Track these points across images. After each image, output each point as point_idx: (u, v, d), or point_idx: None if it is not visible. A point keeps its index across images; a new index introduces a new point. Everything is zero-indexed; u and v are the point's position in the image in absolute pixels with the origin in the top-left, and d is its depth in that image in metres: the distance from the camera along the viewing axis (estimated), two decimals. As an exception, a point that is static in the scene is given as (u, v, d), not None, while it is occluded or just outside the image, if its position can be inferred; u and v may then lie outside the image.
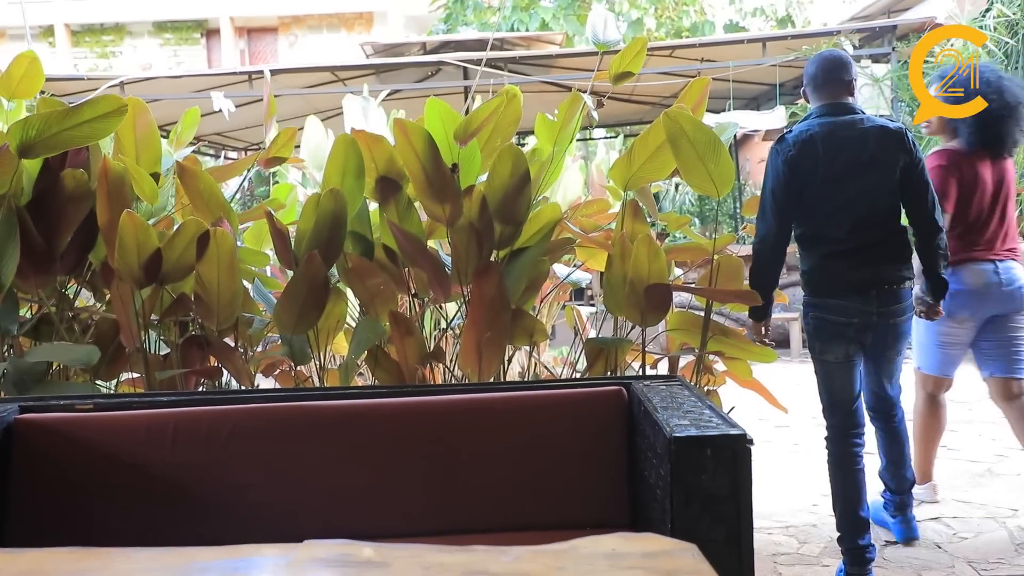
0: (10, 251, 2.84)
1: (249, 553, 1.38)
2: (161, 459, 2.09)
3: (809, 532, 3.71)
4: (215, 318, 2.85)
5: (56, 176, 2.93)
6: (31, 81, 3.14)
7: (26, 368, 2.84)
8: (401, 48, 9.99)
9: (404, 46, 10.10)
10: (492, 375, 2.88)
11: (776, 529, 3.76)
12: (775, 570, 3.30)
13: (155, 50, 22.26)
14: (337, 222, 2.74)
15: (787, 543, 3.59)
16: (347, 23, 22.30)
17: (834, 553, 3.35)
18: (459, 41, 9.90)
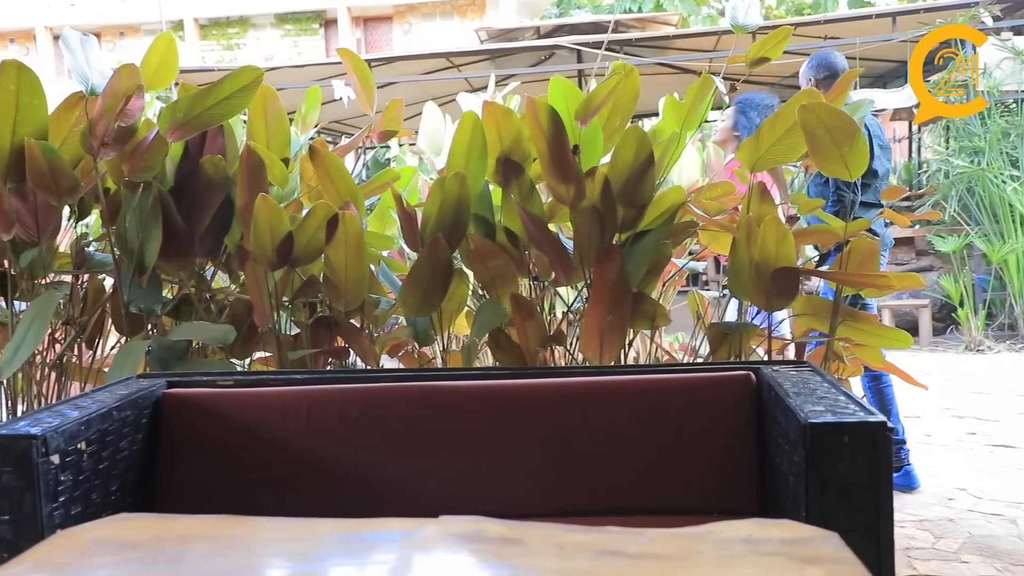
0: (154, 234, 3.00)
1: (387, 526, 1.42)
2: (296, 435, 2.17)
3: (945, 527, 3.56)
4: (343, 300, 2.93)
5: (196, 162, 3.07)
6: (167, 68, 3.26)
7: (169, 345, 3.00)
8: (515, 33, 10.02)
9: (518, 31, 10.12)
10: (613, 359, 2.87)
11: (909, 523, 3.62)
12: (909, 564, 3.18)
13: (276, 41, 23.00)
14: (462, 205, 2.78)
15: (922, 537, 3.45)
16: (460, 9, 22.49)
17: (973, 549, 3.21)
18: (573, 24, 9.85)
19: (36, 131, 2.88)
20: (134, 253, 3.02)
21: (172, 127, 2.91)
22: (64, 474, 1.81)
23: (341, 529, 1.37)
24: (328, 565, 1.26)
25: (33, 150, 2.80)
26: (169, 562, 1.33)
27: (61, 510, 1.80)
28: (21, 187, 2.96)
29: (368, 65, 3.40)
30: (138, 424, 2.12)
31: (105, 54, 23.16)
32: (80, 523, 1.86)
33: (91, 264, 3.28)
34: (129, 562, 1.29)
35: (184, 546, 1.40)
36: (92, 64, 3.02)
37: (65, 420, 1.86)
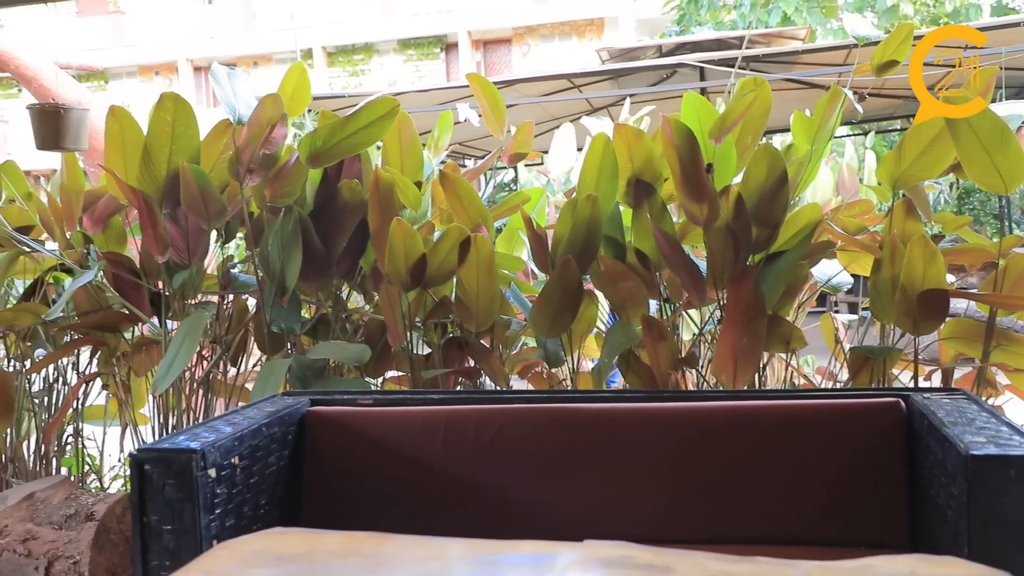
0: (294, 257, 3.12)
1: (533, 548, 1.42)
2: (433, 453, 2.21)
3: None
4: (474, 320, 2.98)
5: (334, 187, 3.18)
6: (301, 96, 3.39)
7: (308, 364, 3.11)
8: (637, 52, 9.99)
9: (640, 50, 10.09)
10: (747, 383, 2.81)
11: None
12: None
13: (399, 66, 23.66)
14: (593, 226, 2.79)
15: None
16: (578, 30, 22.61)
17: None
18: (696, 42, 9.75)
19: (189, 159, 3.05)
20: (276, 275, 3.15)
21: (311, 155, 3.03)
22: (220, 487, 1.90)
23: (490, 550, 1.39)
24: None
25: (187, 175, 2.96)
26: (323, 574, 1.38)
27: (217, 522, 1.88)
28: (174, 212, 3.14)
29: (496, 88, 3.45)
30: (284, 440, 2.20)
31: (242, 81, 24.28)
32: (234, 534, 1.94)
33: (236, 285, 3.44)
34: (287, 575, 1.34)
35: (337, 561, 1.44)
36: (239, 95, 3.18)
37: (220, 436, 1.95)
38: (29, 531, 2.93)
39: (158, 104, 3.04)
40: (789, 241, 2.89)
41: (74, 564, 2.86)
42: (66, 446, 3.61)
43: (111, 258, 3.28)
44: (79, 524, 2.93)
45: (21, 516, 2.98)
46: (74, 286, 3.09)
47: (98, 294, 3.42)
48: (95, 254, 3.35)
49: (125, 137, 3.12)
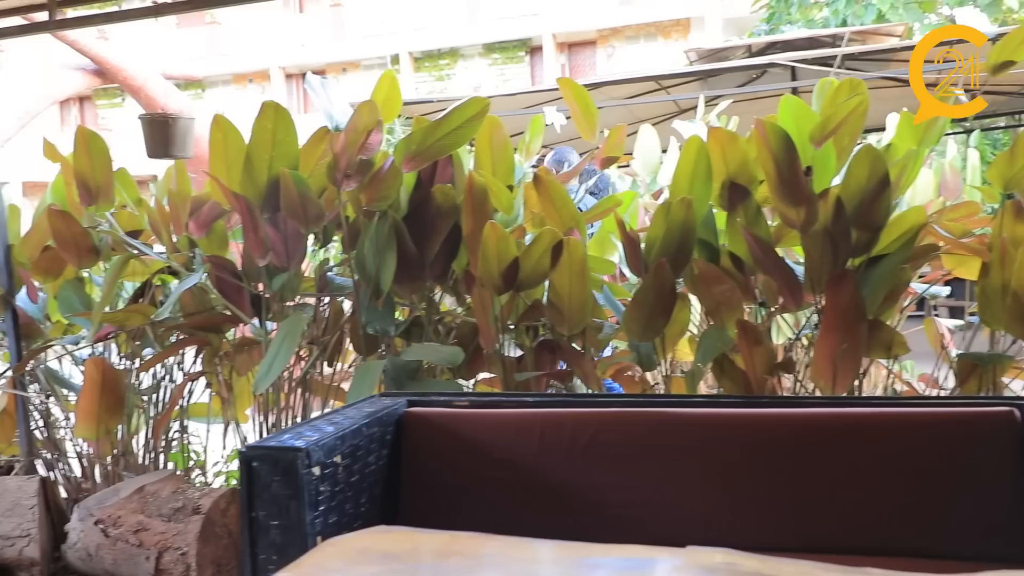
0: (389, 260, 3.18)
1: (636, 553, 1.42)
2: (528, 456, 2.22)
3: None
4: (566, 323, 2.98)
5: (427, 191, 3.23)
6: (393, 102, 3.44)
7: (402, 365, 3.16)
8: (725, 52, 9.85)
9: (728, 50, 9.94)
10: (846, 389, 2.74)
11: None
12: None
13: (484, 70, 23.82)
14: (687, 230, 2.76)
15: None
16: (664, 31, 22.41)
17: None
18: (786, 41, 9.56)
19: (289, 165, 3.13)
20: (371, 277, 3.21)
21: (406, 158, 3.09)
22: (324, 485, 1.95)
23: (594, 553, 1.39)
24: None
25: (287, 180, 3.05)
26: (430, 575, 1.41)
27: (321, 518, 1.93)
28: (274, 217, 3.24)
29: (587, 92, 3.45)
30: (383, 440, 2.25)
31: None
32: (336, 531, 1.99)
33: (332, 288, 3.53)
34: (393, 573, 1.38)
35: (441, 560, 1.47)
36: (334, 102, 3.26)
37: (324, 435, 2.00)
38: (141, 522, 3.06)
39: (260, 112, 3.14)
40: (891, 245, 2.81)
41: (182, 555, 2.97)
42: (172, 442, 3.75)
43: (215, 261, 3.40)
44: (186, 517, 3.05)
45: (133, 508, 3.11)
46: (181, 288, 3.21)
47: (202, 296, 3.55)
48: (199, 257, 3.47)
49: (228, 145, 3.23)
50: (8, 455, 3.77)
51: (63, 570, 3.32)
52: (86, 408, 3.40)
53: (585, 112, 3.26)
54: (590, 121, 3.27)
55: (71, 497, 3.64)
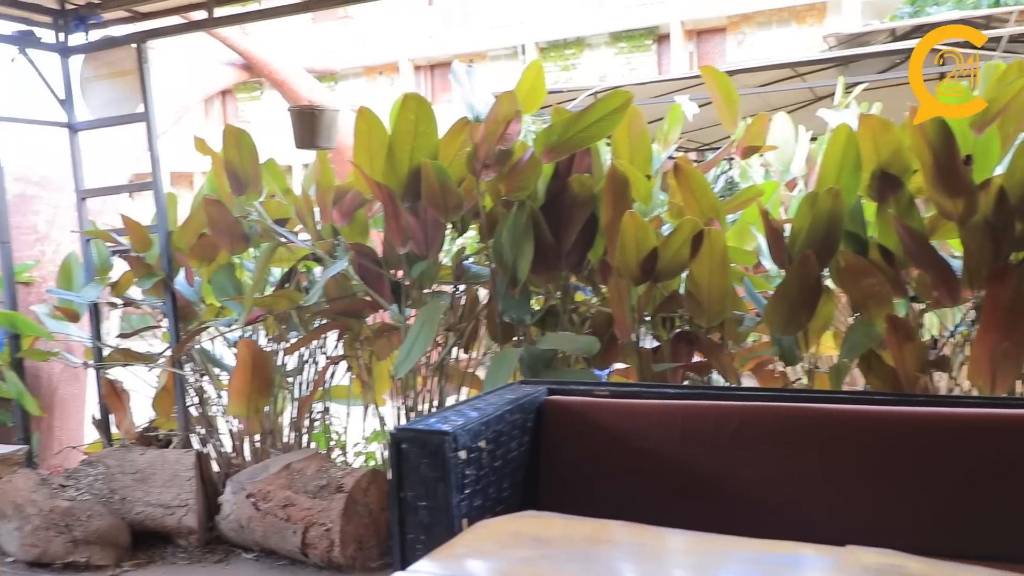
0: (526, 249, 3.21)
1: (790, 549, 1.40)
2: (669, 447, 2.20)
3: None
4: (705, 315, 2.94)
5: (564, 181, 3.24)
6: (537, 93, 3.45)
7: (538, 354, 3.19)
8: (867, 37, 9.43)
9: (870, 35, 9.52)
10: (1006, 390, 2.60)
11: None
12: None
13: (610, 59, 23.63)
14: (834, 221, 2.67)
15: None
16: (798, 16, 21.66)
17: None
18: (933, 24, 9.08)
19: (429, 155, 3.20)
20: (508, 266, 3.25)
21: (547, 149, 3.11)
22: (469, 468, 1.99)
23: (746, 548, 1.38)
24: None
25: (428, 170, 3.12)
26: (583, 561, 1.42)
27: (466, 501, 1.98)
28: (415, 206, 3.32)
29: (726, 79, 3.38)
30: (524, 427, 2.27)
31: (456, 81, 24.91)
32: (480, 515, 2.03)
33: (468, 276, 3.59)
34: (546, 557, 1.40)
35: (593, 547, 1.48)
36: (477, 93, 3.31)
37: (469, 420, 2.04)
38: (288, 498, 3.20)
39: (402, 104, 3.22)
40: (1061, 237, 2.65)
41: (326, 531, 3.10)
42: (314, 422, 3.90)
43: (357, 249, 3.51)
44: (330, 495, 3.17)
45: (281, 484, 3.26)
46: (327, 275, 3.34)
47: (344, 282, 3.67)
48: (343, 245, 3.60)
49: (372, 136, 3.33)
50: (166, 429, 4.01)
51: (216, 539, 3.51)
52: (238, 387, 3.58)
53: (727, 100, 3.20)
54: (732, 109, 3.20)
55: (222, 471, 3.84)
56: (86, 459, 3.78)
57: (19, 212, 4.20)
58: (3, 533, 3.34)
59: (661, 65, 22.77)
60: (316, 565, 3.20)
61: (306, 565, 3.24)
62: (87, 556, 3.31)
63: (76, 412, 4.52)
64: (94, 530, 3.34)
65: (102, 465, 3.65)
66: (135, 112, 3.86)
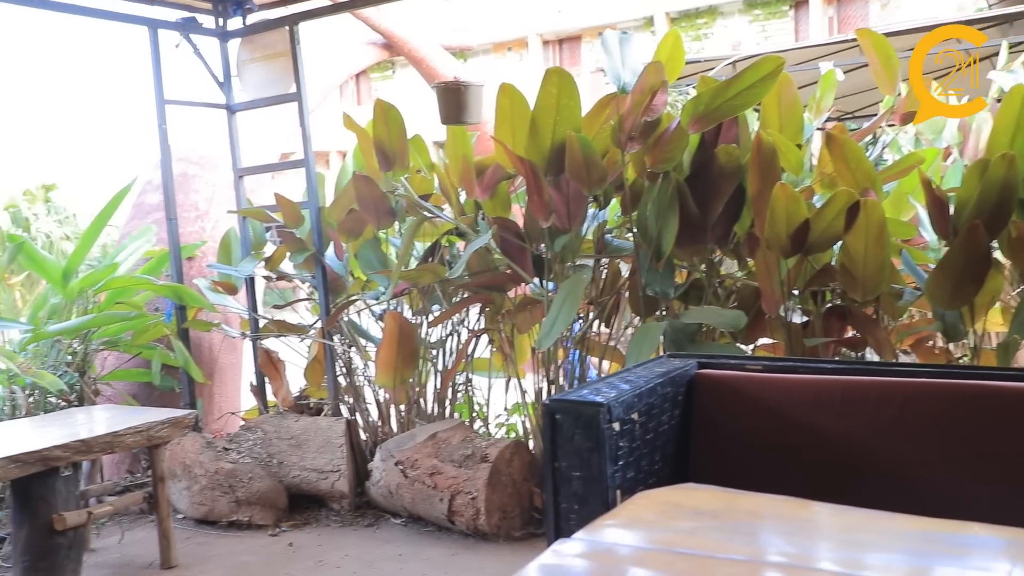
0: (671, 222, 3.17)
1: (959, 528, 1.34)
2: (826, 423, 2.14)
3: None
4: (860, 289, 2.83)
5: (710, 152, 3.18)
6: (675, 63, 3.38)
7: (681, 328, 3.16)
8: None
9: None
10: None
11: None
12: None
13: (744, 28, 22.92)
14: (1007, 189, 2.52)
15: None
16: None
17: None
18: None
19: (572, 129, 3.20)
20: (652, 240, 3.22)
21: (693, 119, 3.05)
22: (623, 440, 1.99)
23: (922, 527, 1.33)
24: (924, 563, 1.23)
25: (572, 143, 3.12)
26: (747, 534, 1.40)
27: (620, 473, 1.98)
28: (557, 180, 3.33)
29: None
30: (675, 400, 2.26)
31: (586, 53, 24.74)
32: (633, 486, 2.04)
33: (610, 250, 3.58)
34: (710, 529, 1.38)
35: (756, 521, 1.46)
36: (626, 63, 3.28)
37: (621, 392, 2.04)
38: (435, 466, 3.30)
39: (544, 78, 3.22)
40: None
41: (472, 499, 3.17)
42: (457, 393, 3.99)
43: (500, 223, 3.56)
44: (475, 464, 3.24)
45: (428, 452, 3.36)
46: (472, 248, 3.40)
47: (486, 256, 3.73)
48: (485, 219, 3.65)
49: (514, 111, 3.35)
50: (316, 398, 4.19)
51: (366, 504, 3.65)
52: (385, 358, 3.70)
53: (885, 64, 3.06)
54: (890, 74, 3.06)
55: (369, 439, 3.99)
56: (245, 424, 4.01)
57: (181, 191, 4.45)
58: (174, 492, 3.58)
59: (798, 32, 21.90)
60: (462, 532, 3.29)
61: (452, 532, 3.33)
62: (249, 515, 3.51)
63: (233, 380, 4.78)
64: (255, 491, 3.54)
65: (260, 430, 3.85)
66: (288, 92, 4.02)
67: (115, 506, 3.13)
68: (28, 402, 3.69)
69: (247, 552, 3.31)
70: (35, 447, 2.63)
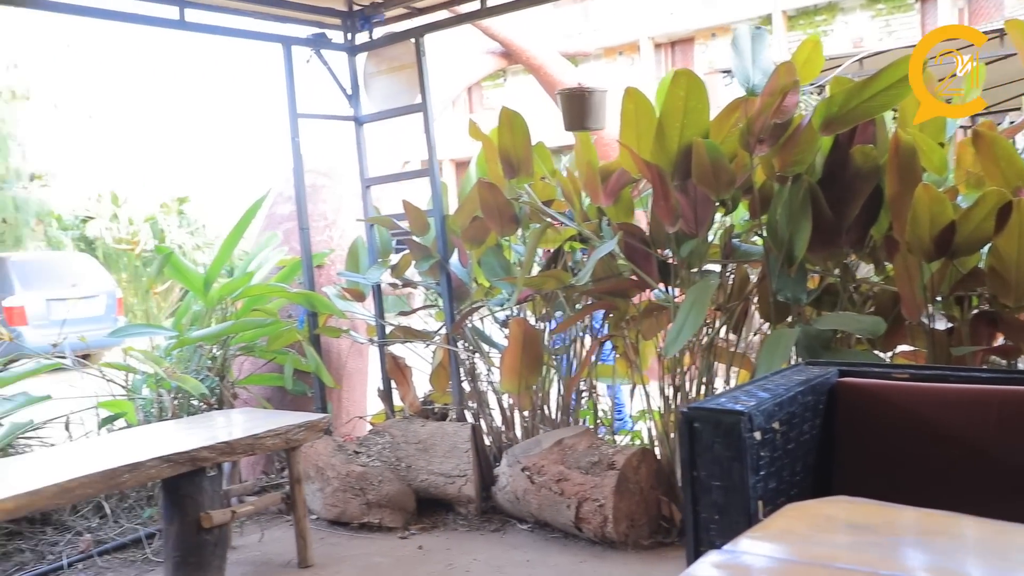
0: (803, 226, 3.08)
1: None
2: (981, 435, 2.04)
3: None
4: (1012, 294, 2.69)
5: (845, 153, 3.08)
6: (813, 65, 3.31)
7: (815, 334, 3.06)
8: None
9: None
10: None
11: None
12: None
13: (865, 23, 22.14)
14: None
15: None
16: (1092, -44, 19.16)
17: None
18: None
19: (700, 132, 3.16)
20: (783, 244, 3.14)
21: (826, 121, 2.96)
22: (764, 450, 1.95)
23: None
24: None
25: (700, 147, 3.07)
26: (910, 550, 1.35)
27: (761, 483, 1.94)
28: (684, 184, 3.28)
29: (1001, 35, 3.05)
30: (816, 409, 2.19)
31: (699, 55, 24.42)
32: (774, 497, 1.99)
33: (738, 255, 3.51)
34: (870, 544, 1.33)
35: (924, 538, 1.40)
36: (757, 62, 3.21)
37: (761, 400, 2.00)
38: (561, 473, 3.30)
39: (672, 81, 3.19)
40: None
41: (599, 507, 3.16)
42: (581, 399, 3.99)
43: (625, 228, 3.54)
44: (602, 471, 3.23)
45: (554, 459, 3.36)
46: (598, 254, 3.39)
47: (610, 262, 3.71)
48: (610, 225, 3.63)
49: (639, 115, 3.33)
50: (441, 403, 4.26)
51: (492, 509, 3.69)
52: (510, 364, 3.73)
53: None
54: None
55: (493, 444, 4.03)
56: (373, 428, 4.11)
57: (310, 201, 4.60)
58: (308, 493, 3.70)
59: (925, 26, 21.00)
60: (589, 539, 3.28)
61: (579, 539, 3.33)
62: (379, 518, 3.60)
63: (360, 385, 4.91)
64: (385, 494, 3.62)
65: (388, 434, 3.94)
66: (413, 103, 4.11)
67: (256, 506, 3.26)
68: (173, 404, 3.88)
69: (378, 553, 3.39)
70: (184, 448, 2.77)
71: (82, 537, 3.53)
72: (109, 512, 3.69)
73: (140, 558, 3.43)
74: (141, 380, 4.01)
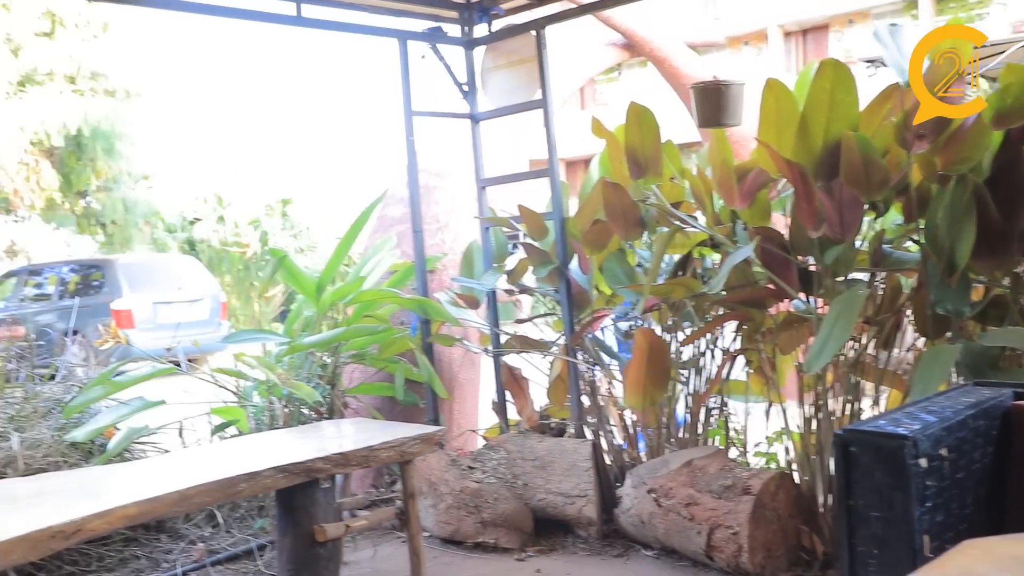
0: (967, 231, 2.94)
1: None
2: None
3: None
4: None
5: (1016, 151, 2.94)
6: (962, 52, 3.16)
7: (980, 351, 2.93)
8: None
9: None
10: None
11: None
12: None
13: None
14: None
15: None
16: None
17: None
18: None
19: (848, 127, 3.06)
20: (944, 250, 3.01)
21: (998, 115, 2.83)
22: (930, 479, 1.87)
23: None
24: None
25: (850, 143, 2.98)
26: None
27: (928, 516, 1.86)
28: (828, 184, 3.19)
29: None
30: (988, 435, 2.09)
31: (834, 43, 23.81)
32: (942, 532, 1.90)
33: (890, 262, 3.38)
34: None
35: None
36: (906, 54, 3.10)
37: (927, 424, 1.92)
38: (691, 496, 3.25)
39: (817, 72, 3.10)
40: None
41: (733, 535, 3.10)
42: (710, 417, 3.92)
43: (762, 232, 3.45)
44: (736, 496, 3.16)
45: (683, 481, 3.31)
46: (732, 261, 3.32)
47: (744, 269, 3.63)
48: (745, 229, 3.56)
49: (780, 109, 3.26)
50: (558, 418, 4.26)
51: (614, 532, 3.66)
52: (634, 378, 3.69)
53: None
54: None
55: (614, 463, 4.00)
56: (488, 443, 4.14)
57: (423, 202, 4.67)
58: (420, 509, 3.75)
59: (1095, 5, 19.87)
60: (721, 569, 3.21)
61: (709, 568, 3.27)
62: (495, 538, 3.62)
63: (472, 396, 4.96)
64: (500, 513, 3.64)
65: (503, 450, 3.96)
66: (533, 99, 4.13)
67: (369, 520, 3.32)
68: (284, 412, 4.00)
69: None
70: (299, 458, 2.84)
71: (196, 546, 3.68)
72: (221, 521, 3.84)
73: (252, 570, 3.55)
74: (252, 387, 4.15)
